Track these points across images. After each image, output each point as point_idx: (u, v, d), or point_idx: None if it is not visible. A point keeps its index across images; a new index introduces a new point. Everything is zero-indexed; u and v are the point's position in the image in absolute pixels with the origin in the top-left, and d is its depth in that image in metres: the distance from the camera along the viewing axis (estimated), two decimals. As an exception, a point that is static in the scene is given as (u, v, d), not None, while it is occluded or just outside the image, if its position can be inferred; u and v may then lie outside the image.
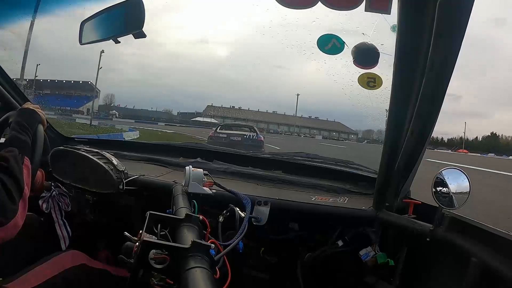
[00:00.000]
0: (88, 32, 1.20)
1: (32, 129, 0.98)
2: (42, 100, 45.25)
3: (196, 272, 0.57)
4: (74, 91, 59.94)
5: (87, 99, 62.06)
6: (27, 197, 0.82)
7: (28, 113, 1.01)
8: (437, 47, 0.65)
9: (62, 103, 57.84)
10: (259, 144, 7.72)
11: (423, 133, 0.83)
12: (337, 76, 1.44)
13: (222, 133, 8.39)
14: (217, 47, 24.63)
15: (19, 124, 0.96)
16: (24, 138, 0.93)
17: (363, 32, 1.01)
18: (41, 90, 68.17)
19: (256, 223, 1.03)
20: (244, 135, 8.29)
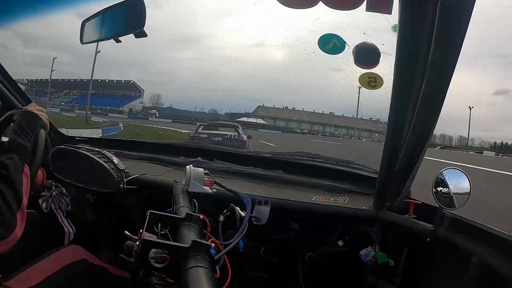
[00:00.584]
0: (89, 31, 1.20)
1: (34, 134, 0.97)
2: (85, 100, 45.14)
3: (197, 271, 0.57)
4: (118, 91, 60.92)
5: (130, 98, 60.49)
6: (25, 207, 0.81)
7: (31, 117, 0.99)
8: (438, 47, 0.65)
9: (105, 103, 57.93)
10: (241, 144, 7.49)
11: (423, 133, 0.83)
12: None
13: (203, 133, 8.26)
14: (273, 50, 24.62)
15: (21, 128, 0.94)
16: (25, 143, 0.92)
17: (364, 32, 1.01)
18: (86, 90, 64.23)
19: (257, 222, 1.03)
20: (226, 135, 8.10)
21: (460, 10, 0.60)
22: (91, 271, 1.03)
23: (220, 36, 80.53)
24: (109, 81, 59.77)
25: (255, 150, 1.84)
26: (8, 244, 0.74)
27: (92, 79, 58.55)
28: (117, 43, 1.09)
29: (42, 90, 68.09)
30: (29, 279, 0.89)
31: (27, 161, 0.89)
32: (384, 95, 1.01)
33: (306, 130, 54.13)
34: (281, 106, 63.22)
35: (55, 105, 53.52)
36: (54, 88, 68.20)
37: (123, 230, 0.71)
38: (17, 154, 0.86)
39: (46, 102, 56.98)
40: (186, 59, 73.44)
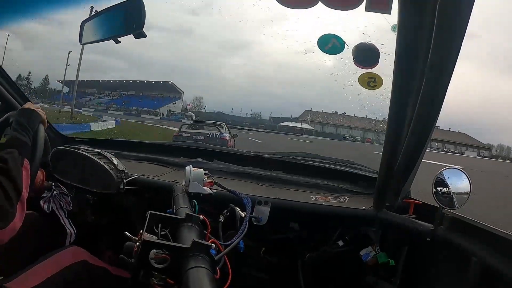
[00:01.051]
0: (89, 32, 1.20)
1: (33, 130, 0.97)
2: (126, 101, 40.71)
3: (197, 272, 0.57)
4: (157, 92, 59.95)
5: (168, 100, 59.33)
6: (25, 199, 0.82)
7: (29, 113, 1.00)
8: (438, 47, 0.65)
9: (143, 104, 57.33)
10: (222, 143, 7.53)
11: (423, 133, 0.83)
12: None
13: (186, 132, 8.29)
14: (323, 56, 24.84)
15: (20, 124, 0.95)
16: (24, 139, 0.92)
17: (364, 32, 1.01)
18: (127, 91, 59.98)
19: (257, 223, 1.03)
20: (207, 134, 8.09)
21: (459, 9, 0.60)
22: (91, 272, 1.03)
23: (269, 43, 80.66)
24: (147, 82, 57.77)
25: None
26: (6, 235, 0.75)
27: (121, 81, 57.52)
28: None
29: (84, 91, 63.86)
30: (30, 280, 0.88)
31: (26, 156, 0.89)
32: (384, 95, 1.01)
33: (359, 138, 50.97)
34: (331, 111, 60.12)
35: (92, 106, 52.21)
36: (95, 89, 66.65)
37: (123, 231, 0.71)
38: (16, 148, 0.87)
39: (86, 102, 55.01)
40: (235, 65, 74.20)
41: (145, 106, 57.57)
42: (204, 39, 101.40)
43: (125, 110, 54.55)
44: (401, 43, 0.70)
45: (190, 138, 7.65)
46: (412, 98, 0.78)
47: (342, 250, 1.13)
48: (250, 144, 13.65)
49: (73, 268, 0.98)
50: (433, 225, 0.94)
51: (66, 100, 55.51)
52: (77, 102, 51.98)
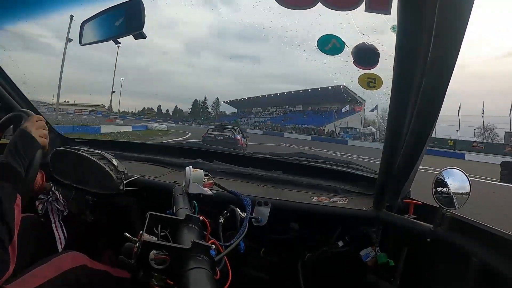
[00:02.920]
0: (89, 32, 1.20)
1: (29, 158, 0.91)
2: (288, 117, 41.87)
3: (197, 273, 0.57)
4: (329, 105, 49.50)
5: (341, 114, 45.19)
6: (16, 240, 0.80)
7: (28, 140, 0.93)
8: (437, 47, 0.65)
9: (308, 121, 48.05)
10: (235, 141, 10.24)
11: (423, 133, 0.83)
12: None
13: (211, 134, 10.96)
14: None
15: (16, 149, 0.89)
16: (19, 169, 0.87)
17: (363, 33, 1.01)
18: (293, 107, 55.37)
19: (257, 223, 1.03)
20: (226, 135, 10.71)
21: (459, 10, 0.60)
22: (91, 276, 1.02)
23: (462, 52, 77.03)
24: (312, 90, 46.57)
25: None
26: (0, 282, 0.74)
27: (289, 92, 51.36)
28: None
29: (249, 110, 61.67)
30: (29, 283, 0.88)
31: (19, 190, 0.85)
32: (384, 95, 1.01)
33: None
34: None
35: (249, 126, 47.82)
36: (260, 108, 62.65)
37: (123, 231, 0.71)
38: (10, 182, 0.83)
39: (245, 121, 52.53)
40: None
41: (310, 123, 47.52)
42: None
43: (273, 128, 48.26)
44: (401, 43, 0.70)
45: (213, 138, 10.26)
46: (412, 98, 0.78)
47: (342, 250, 1.13)
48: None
49: (73, 272, 0.98)
50: (433, 225, 0.94)
51: (227, 120, 54.73)
52: (237, 123, 47.80)
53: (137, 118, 49.68)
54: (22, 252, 0.97)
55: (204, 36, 26.14)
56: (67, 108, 49.30)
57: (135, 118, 46.98)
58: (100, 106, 57.62)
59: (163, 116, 64.09)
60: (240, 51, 27.01)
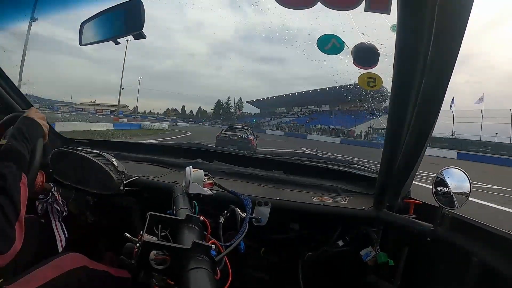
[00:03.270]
0: (88, 33, 1.20)
1: (32, 142, 0.94)
2: (313, 117, 37.57)
3: (197, 273, 0.57)
4: (361, 105, 39.11)
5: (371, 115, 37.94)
6: (23, 218, 0.80)
7: (32, 124, 0.96)
8: (437, 47, 0.65)
9: (335, 121, 42.26)
10: (248, 141, 10.59)
11: (423, 133, 0.83)
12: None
13: (225, 134, 11.20)
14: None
15: (21, 133, 0.91)
16: (23, 151, 0.89)
17: (363, 32, 1.01)
18: (319, 106, 50.37)
19: (257, 223, 1.03)
20: (239, 135, 10.91)
21: (459, 9, 0.60)
22: (92, 277, 1.02)
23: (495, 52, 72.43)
24: (340, 87, 36.42)
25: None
26: (7, 258, 0.74)
27: (314, 90, 45.84)
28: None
29: (273, 111, 56.92)
30: (30, 283, 0.88)
31: (24, 170, 0.87)
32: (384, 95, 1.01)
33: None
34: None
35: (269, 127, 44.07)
36: (285, 108, 57.52)
37: (124, 232, 0.71)
38: (14, 162, 0.84)
39: (267, 122, 50.98)
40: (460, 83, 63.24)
41: (338, 124, 42.35)
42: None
43: (296, 129, 44.27)
44: (401, 43, 0.70)
45: (227, 137, 10.61)
46: (412, 98, 0.78)
47: (342, 250, 1.13)
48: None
49: (74, 273, 0.98)
50: (433, 225, 0.94)
51: (248, 121, 52.22)
52: (258, 124, 46.65)
53: (158, 118, 49.58)
54: (23, 253, 0.97)
55: (231, 38, 26.13)
56: (89, 108, 50.06)
57: (156, 119, 47.01)
58: (123, 106, 57.98)
59: (185, 116, 63.73)
60: (266, 53, 26.36)
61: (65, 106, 44.16)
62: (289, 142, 22.23)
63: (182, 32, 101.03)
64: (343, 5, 0.88)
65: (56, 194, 1.23)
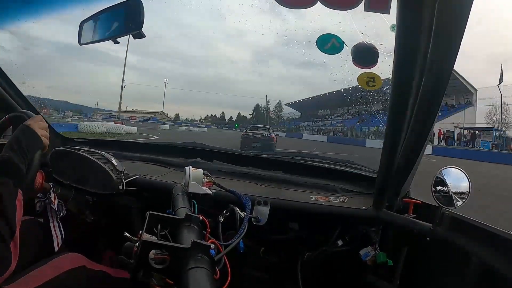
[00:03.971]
0: (87, 32, 1.19)
1: (30, 155, 0.91)
2: (363, 118, 28.51)
3: (196, 272, 0.57)
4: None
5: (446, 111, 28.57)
6: (18, 236, 0.79)
7: (32, 137, 0.93)
8: (436, 46, 0.65)
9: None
10: (270, 139, 11.65)
11: (422, 132, 0.83)
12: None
13: (250, 132, 12.26)
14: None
15: (19, 146, 0.88)
16: (21, 165, 0.86)
17: (362, 32, 1.01)
18: (369, 105, 47.81)
19: (256, 223, 1.03)
20: (262, 133, 12.03)
21: (458, 9, 0.60)
22: (90, 277, 1.02)
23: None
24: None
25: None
26: (1, 280, 0.74)
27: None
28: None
29: (315, 113, 49.17)
30: (28, 283, 0.88)
31: (20, 185, 0.85)
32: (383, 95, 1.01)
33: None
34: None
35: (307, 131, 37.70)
36: (328, 110, 48.30)
37: (123, 231, 0.71)
38: (11, 176, 0.82)
39: (307, 125, 44.82)
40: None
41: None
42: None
43: (344, 132, 35.41)
44: (400, 42, 0.70)
45: (252, 136, 11.55)
46: (411, 98, 0.78)
47: (341, 249, 1.13)
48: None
49: (72, 273, 0.98)
50: (432, 224, 0.94)
51: (286, 125, 47.59)
52: (297, 128, 41.83)
53: (191, 124, 49.97)
54: (22, 255, 0.97)
55: (271, 45, 25.59)
56: (123, 115, 50.70)
57: (190, 125, 47.38)
58: (160, 113, 59.48)
59: (224, 122, 62.93)
60: (307, 58, 25.66)
61: (99, 113, 45.80)
62: (338, 149, 14.91)
63: (223, 40, 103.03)
64: (343, 5, 0.88)
65: (52, 197, 1.21)
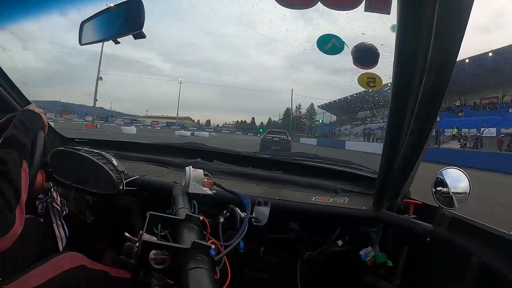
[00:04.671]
0: (88, 32, 1.20)
1: (33, 132, 0.95)
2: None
3: (197, 273, 0.57)
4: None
5: None
6: (24, 203, 0.81)
7: (32, 115, 0.98)
8: (437, 47, 0.65)
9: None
10: (288, 141, 12.70)
11: (422, 132, 0.83)
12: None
13: (268, 136, 13.19)
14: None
15: (22, 123, 0.92)
16: (24, 140, 0.90)
17: (363, 32, 1.01)
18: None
19: (256, 223, 1.03)
20: (280, 137, 13.01)
21: (459, 9, 0.60)
22: (90, 276, 1.02)
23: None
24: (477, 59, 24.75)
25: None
26: (7, 241, 0.74)
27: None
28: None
29: (354, 116, 39.67)
30: (28, 282, 0.88)
31: (25, 158, 0.87)
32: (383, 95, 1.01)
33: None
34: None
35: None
36: (370, 112, 31.84)
37: (123, 231, 0.71)
38: (15, 149, 0.84)
39: (345, 129, 36.97)
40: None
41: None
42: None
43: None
44: (401, 43, 0.70)
45: (271, 139, 12.51)
46: (412, 98, 0.78)
47: (341, 250, 1.13)
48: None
49: (72, 272, 0.98)
50: (432, 225, 0.94)
51: (318, 131, 42.53)
52: (334, 133, 35.93)
53: (215, 130, 51.04)
54: (24, 254, 0.97)
55: (302, 51, 25.67)
56: (145, 120, 52.30)
57: (214, 130, 48.60)
58: (185, 118, 60.63)
59: (247, 127, 62.34)
60: (339, 64, 24.57)
61: (120, 118, 46.93)
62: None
63: (255, 48, 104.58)
64: (343, 5, 0.88)
65: (54, 195, 1.23)
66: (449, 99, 32.38)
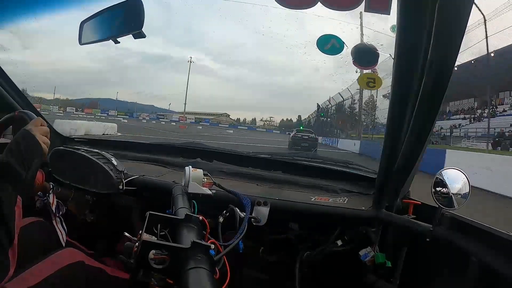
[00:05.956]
0: (88, 32, 1.19)
1: (30, 162, 0.88)
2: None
3: (196, 272, 0.57)
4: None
5: None
6: (16, 243, 0.79)
7: (32, 143, 0.90)
8: (437, 47, 0.65)
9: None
10: (315, 139, 14.22)
11: (422, 133, 0.83)
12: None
13: (298, 135, 14.47)
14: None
15: (19, 152, 0.86)
16: (21, 171, 0.84)
17: (363, 33, 1.01)
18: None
19: (256, 223, 1.03)
20: (309, 135, 14.43)
21: (458, 10, 0.60)
22: (88, 273, 1.02)
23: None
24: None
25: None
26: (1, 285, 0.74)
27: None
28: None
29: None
30: (27, 280, 0.88)
31: (19, 191, 0.84)
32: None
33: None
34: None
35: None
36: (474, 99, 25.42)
37: (123, 231, 0.71)
38: (10, 182, 0.80)
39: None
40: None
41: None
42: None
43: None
44: (401, 43, 0.70)
45: (301, 137, 13.77)
46: (412, 98, 0.78)
47: (341, 250, 1.13)
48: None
49: (70, 269, 0.98)
50: (432, 225, 0.94)
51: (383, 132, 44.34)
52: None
53: (248, 128, 52.14)
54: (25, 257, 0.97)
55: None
56: (171, 115, 53.22)
57: (247, 128, 49.68)
58: (223, 115, 61.13)
59: (289, 125, 63.26)
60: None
61: (146, 114, 48.63)
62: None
63: (302, 47, 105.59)
64: (343, 6, 0.88)
65: (51, 199, 1.21)
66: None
